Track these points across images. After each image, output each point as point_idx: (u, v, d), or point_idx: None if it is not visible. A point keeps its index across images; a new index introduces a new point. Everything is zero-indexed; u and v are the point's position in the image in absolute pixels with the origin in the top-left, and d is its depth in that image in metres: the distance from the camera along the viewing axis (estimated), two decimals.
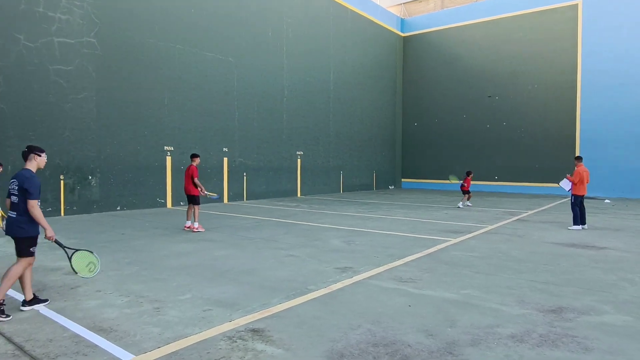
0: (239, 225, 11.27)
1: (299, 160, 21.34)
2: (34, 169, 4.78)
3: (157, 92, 15.25)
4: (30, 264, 4.75)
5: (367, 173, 26.61)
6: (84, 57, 13.29)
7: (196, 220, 10.14)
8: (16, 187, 4.60)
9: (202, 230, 10.12)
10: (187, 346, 3.76)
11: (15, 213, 4.62)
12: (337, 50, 23.62)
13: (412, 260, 7.18)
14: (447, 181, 17.61)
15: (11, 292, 5.27)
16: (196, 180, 10.27)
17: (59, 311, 4.62)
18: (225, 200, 17.72)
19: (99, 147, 13.65)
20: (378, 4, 28.48)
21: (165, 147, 15.52)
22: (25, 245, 4.66)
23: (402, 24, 29.80)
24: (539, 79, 24.63)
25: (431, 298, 5.15)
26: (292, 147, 20.94)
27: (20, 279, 4.71)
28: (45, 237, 4.74)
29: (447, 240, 9.09)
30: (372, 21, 26.56)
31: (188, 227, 10.24)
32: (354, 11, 24.84)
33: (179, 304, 4.87)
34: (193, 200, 10.27)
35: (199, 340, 3.89)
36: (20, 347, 3.71)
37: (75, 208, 13.12)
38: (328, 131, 23.28)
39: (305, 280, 5.92)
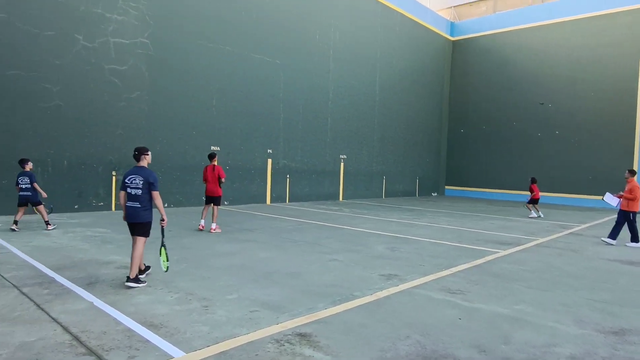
0: (282, 227, 11.32)
1: (342, 164, 21.27)
2: (146, 166, 5.73)
3: (206, 93, 15.62)
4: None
5: (410, 179, 26.19)
6: (137, 57, 13.79)
7: (214, 221, 10.06)
8: (140, 182, 5.56)
9: (220, 231, 10.02)
10: (235, 346, 3.76)
11: (137, 203, 5.56)
12: (384, 54, 23.41)
13: (460, 271, 6.94)
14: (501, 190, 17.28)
15: (69, 284, 5.48)
16: (224, 181, 10.28)
17: (112, 304, 4.75)
18: (268, 201, 17.89)
19: (148, 146, 14.07)
20: (428, 7, 28.02)
21: (212, 147, 15.85)
22: (145, 229, 5.66)
23: (452, 27, 29.18)
24: (596, 86, 23.42)
25: (482, 312, 4.94)
26: (335, 150, 20.91)
27: (132, 254, 5.58)
28: (161, 221, 5.67)
29: (495, 252, 8.75)
30: (421, 25, 26.16)
31: (202, 228, 10.10)
32: (402, 14, 24.55)
33: (226, 304, 4.90)
34: (216, 201, 10.17)
35: (247, 341, 3.88)
36: (76, 338, 3.83)
37: None
38: (372, 136, 23.10)
39: (350, 286, 5.83)
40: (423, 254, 8.27)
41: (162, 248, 5.80)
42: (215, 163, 10.39)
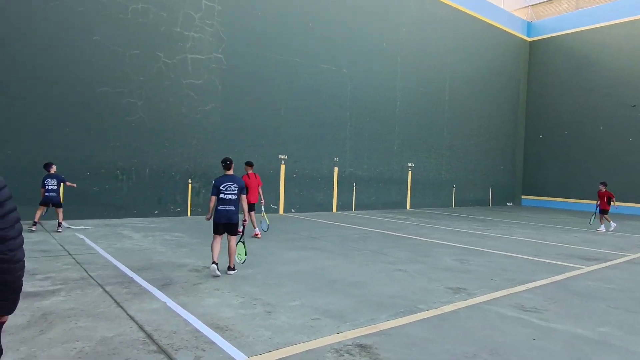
0: (347, 235, 11.30)
1: (409, 172, 20.88)
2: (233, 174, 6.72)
3: (275, 103, 16.08)
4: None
5: (482, 188, 25.08)
6: (212, 71, 14.53)
7: (255, 226, 10.31)
8: (236, 189, 6.49)
9: (259, 236, 10.28)
10: (295, 353, 3.79)
11: (232, 207, 6.49)
12: (454, 59, 22.74)
13: (536, 287, 6.49)
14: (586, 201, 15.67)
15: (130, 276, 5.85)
16: (260, 189, 10.48)
17: (183, 305, 4.99)
18: (334, 209, 17.97)
19: (221, 155, 14.69)
20: (502, 7, 26.84)
21: (280, 156, 16.26)
22: (236, 228, 6.58)
23: (529, 27, 27.69)
24: None
25: (560, 332, 4.57)
26: (403, 158, 20.57)
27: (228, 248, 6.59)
28: (244, 221, 6.77)
29: (578, 268, 8.10)
30: (494, 26, 25.09)
31: (256, 235, 10.29)
32: (474, 17, 23.72)
33: (289, 310, 4.96)
34: (253, 207, 10.33)
35: (307, 349, 3.90)
36: (149, 336, 4.07)
37: (199, 210, 14.32)
38: (441, 143, 22.45)
39: (414, 298, 5.67)
40: (495, 267, 7.85)
41: (242, 243, 6.75)
42: (252, 171, 10.56)
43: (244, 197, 6.59)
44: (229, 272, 6.54)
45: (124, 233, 10.21)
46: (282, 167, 16.36)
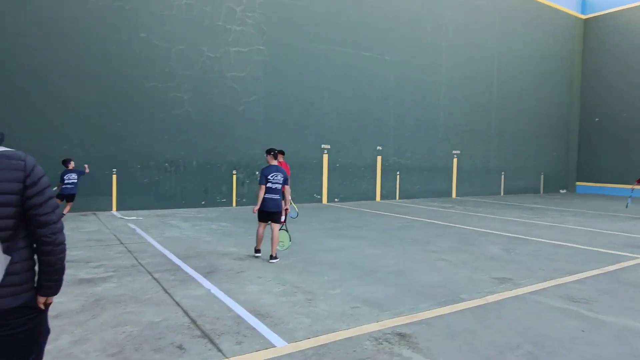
0: (390, 224, 11.21)
1: (455, 160, 20.35)
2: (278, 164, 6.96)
3: (317, 93, 16.11)
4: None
5: (533, 175, 24.06)
6: (254, 63, 14.73)
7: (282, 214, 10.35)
8: (281, 178, 6.73)
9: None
10: (334, 341, 3.83)
11: (278, 195, 6.73)
12: (502, 40, 21.81)
13: (587, 278, 6.19)
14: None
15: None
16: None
17: (226, 292, 5.16)
18: (378, 198, 17.86)
19: (265, 146, 14.90)
20: None
21: (323, 146, 16.30)
22: (280, 216, 6.79)
23: (583, 4, 26.05)
24: None
25: (611, 325, 4.35)
26: (448, 146, 20.07)
27: (272, 237, 6.78)
28: (286, 209, 6.89)
29: (634, 257, 7.64)
30: (545, 4, 23.81)
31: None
32: None
33: (329, 298, 5.01)
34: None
35: (346, 336, 3.93)
36: (194, 321, 4.23)
37: (244, 200, 14.66)
38: (489, 129, 21.70)
39: (457, 287, 5.56)
40: (543, 257, 7.55)
41: (285, 231, 6.92)
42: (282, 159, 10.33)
43: (287, 187, 6.85)
44: (271, 261, 6.69)
45: (173, 223, 10.63)
46: (325, 156, 16.40)
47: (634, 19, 23.87)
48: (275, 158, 6.94)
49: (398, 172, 18.42)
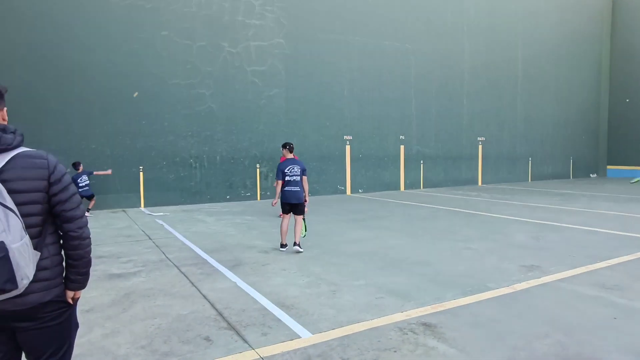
0: (415, 214, 11.11)
1: (480, 147, 19.98)
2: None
3: (338, 84, 16.03)
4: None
5: (562, 160, 23.42)
6: (275, 57, 14.75)
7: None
8: (299, 171, 6.89)
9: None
10: (359, 331, 3.84)
11: (297, 187, 6.87)
12: (526, 24, 21.19)
13: (619, 264, 6.01)
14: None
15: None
16: None
17: (251, 285, 5.23)
18: (402, 188, 17.72)
19: (287, 139, 14.97)
20: None
21: (345, 137, 16.24)
22: (303, 207, 6.95)
23: None
24: None
25: None
26: (472, 133, 19.70)
27: (295, 228, 6.98)
28: (305, 201, 6.95)
29: None
30: None
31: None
32: None
33: (353, 289, 5.02)
34: None
35: (370, 327, 3.93)
36: (220, 313, 4.31)
37: (268, 193, 14.77)
38: (515, 115, 21.18)
39: (483, 276, 5.48)
40: (574, 243, 7.36)
41: (303, 221, 7.03)
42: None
43: (305, 178, 6.97)
44: (294, 247, 6.85)
45: (199, 217, 10.81)
46: (348, 147, 16.35)
47: None
48: (291, 152, 7.11)
49: (422, 161, 18.21)
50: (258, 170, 14.62)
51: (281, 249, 7.04)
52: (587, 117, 24.52)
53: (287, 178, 6.87)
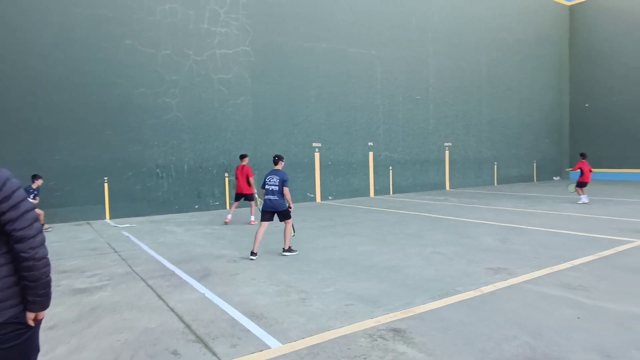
0: (384, 219, 11.19)
1: (447, 152, 20.37)
2: (281, 169, 7.39)
3: (305, 91, 16.05)
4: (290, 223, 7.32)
5: (526, 163, 24.15)
6: (240, 65, 14.65)
7: (252, 214, 11.31)
8: (277, 180, 7.08)
9: (256, 223, 10.74)
10: (329, 339, 3.80)
11: (275, 197, 7.09)
12: (490, 30, 21.85)
13: (583, 264, 6.20)
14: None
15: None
16: (251, 180, 11.03)
17: (220, 295, 5.11)
18: (372, 194, 17.84)
19: (255, 147, 14.94)
20: None
21: (313, 144, 16.25)
22: (286, 213, 7.21)
23: None
24: None
25: (609, 311, 4.34)
26: (439, 138, 20.08)
27: (284, 233, 7.32)
28: (289, 208, 7.21)
29: (630, 242, 7.66)
30: None
31: (228, 222, 11.04)
32: None
33: (323, 297, 4.98)
34: (248, 197, 11.12)
35: (340, 334, 3.90)
36: (188, 326, 4.19)
37: None
38: (480, 119, 21.73)
39: (452, 280, 5.54)
40: (539, 245, 7.56)
41: (293, 228, 7.48)
42: (245, 163, 11.23)
43: (287, 188, 7.11)
44: (283, 254, 7.19)
45: (167, 228, 10.55)
46: (317, 155, 16.36)
47: (619, 3, 23.98)
48: (276, 164, 7.44)
49: (390, 167, 18.41)
50: (227, 179, 14.43)
51: (251, 257, 6.94)
52: (550, 120, 25.42)
53: (266, 187, 7.15)
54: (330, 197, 16.68)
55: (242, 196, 11.18)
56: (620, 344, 3.60)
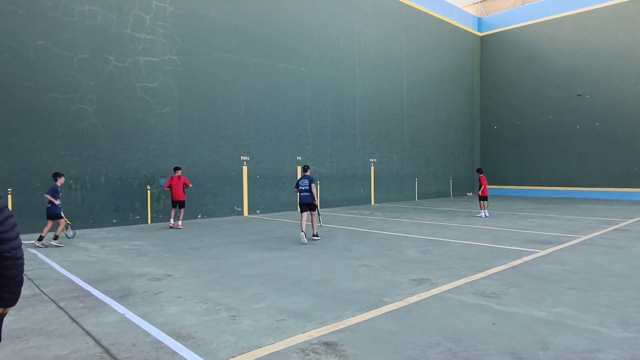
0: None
1: (372, 168, 21.10)
2: (308, 174, 10.39)
3: (233, 104, 15.86)
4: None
5: (443, 180, 25.70)
6: (167, 73, 14.17)
7: (181, 219, 12.81)
8: (308, 182, 10.02)
9: (181, 227, 12.55)
10: (261, 356, 3.73)
11: (308, 193, 9.99)
12: (410, 55, 23.16)
13: (495, 273, 6.69)
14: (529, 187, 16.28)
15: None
16: (190, 186, 13.05)
17: (142, 316, 4.83)
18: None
19: (180, 159, 14.44)
20: (453, 4, 27.56)
21: (242, 157, 16.06)
22: (315, 206, 10.05)
23: (479, 23, 28.59)
24: (635, 73, 22.33)
25: (518, 316, 4.72)
26: (365, 154, 20.77)
27: (311, 222, 10.25)
28: (314, 201, 10.00)
29: (534, 252, 8.41)
30: (447, 22, 25.76)
31: (172, 226, 12.68)
32: (427, 13, 24.25)
33: (253, 313, 4.89)
34: (182, 204, 12.77)
35: (272, 351, 3.85)
36: (107, 350, 3.90)
37: (160, 216, 13.95)
38: (402, 138, 22.82)
39: (379, 292, 5.72)
40: (456, 256, 8.04)
41: (319, 216, 10.32)
42: (179, 174, 12.76)
43: (313, 185, 9.98)
44: (314, 238, 9.98)
45: (80, 245, 9.81)
46: (245, 168, 16.17)
47: (522, 37, 26.62)
48: (305, 171, 10.48)
49: (318, 182, 18.67)
50: (149, 191, 13.76)
51: (302, 236, 9.66)
52: (463, 140, 27.33)
53: (300, 187, 10.06)
54: (258, 211, 16.51)
55: (178, 203, 12.69)
56: (528, 345, 3.92)
